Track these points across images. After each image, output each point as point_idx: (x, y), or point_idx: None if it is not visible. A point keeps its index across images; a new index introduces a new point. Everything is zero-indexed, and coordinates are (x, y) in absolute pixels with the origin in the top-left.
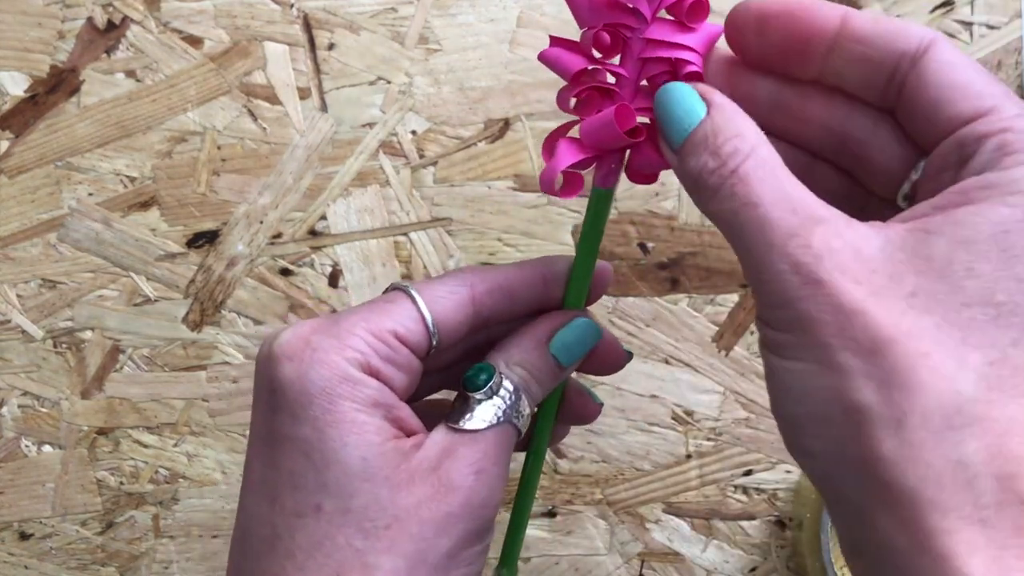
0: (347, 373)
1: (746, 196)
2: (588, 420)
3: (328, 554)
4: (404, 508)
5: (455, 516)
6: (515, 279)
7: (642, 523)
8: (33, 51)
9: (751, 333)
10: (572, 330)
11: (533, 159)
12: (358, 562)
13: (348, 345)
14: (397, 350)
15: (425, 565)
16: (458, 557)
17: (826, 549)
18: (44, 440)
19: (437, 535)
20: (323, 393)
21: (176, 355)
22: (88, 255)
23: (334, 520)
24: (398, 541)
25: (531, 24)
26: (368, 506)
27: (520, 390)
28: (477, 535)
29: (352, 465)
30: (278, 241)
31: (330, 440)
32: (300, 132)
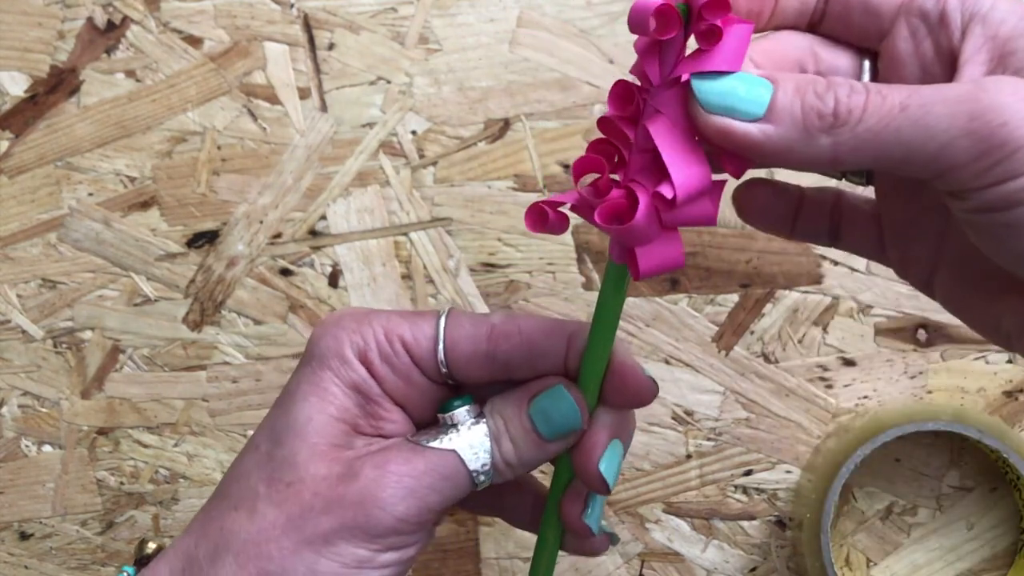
0: (342, 351)
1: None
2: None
3: (242, 486)
4: (310, 475)
5: (345, 502)
6: (538, 330)
7: (642, 523)
8: (33, 51)
9: (751, 333)
10: (549, 396)
11: (533, 159)
12: (252, 503)
13: (359, 332)
14: (398, 354)
15: (299, 532)
16: (334, 544)
17: (826, 549)
18: (44, 440)
19: (322, 512)
20: (318, 358)
21: (176, 355)
22: (88, 255)
23: (260, 461)
24: (289, 501)
25: (531, 24)
26: (285, 459)
27: (490, 438)
28: (365, 535)
29: (297, 420)
30: (278, 241)
31: (297, 394)
32: (300, 132)
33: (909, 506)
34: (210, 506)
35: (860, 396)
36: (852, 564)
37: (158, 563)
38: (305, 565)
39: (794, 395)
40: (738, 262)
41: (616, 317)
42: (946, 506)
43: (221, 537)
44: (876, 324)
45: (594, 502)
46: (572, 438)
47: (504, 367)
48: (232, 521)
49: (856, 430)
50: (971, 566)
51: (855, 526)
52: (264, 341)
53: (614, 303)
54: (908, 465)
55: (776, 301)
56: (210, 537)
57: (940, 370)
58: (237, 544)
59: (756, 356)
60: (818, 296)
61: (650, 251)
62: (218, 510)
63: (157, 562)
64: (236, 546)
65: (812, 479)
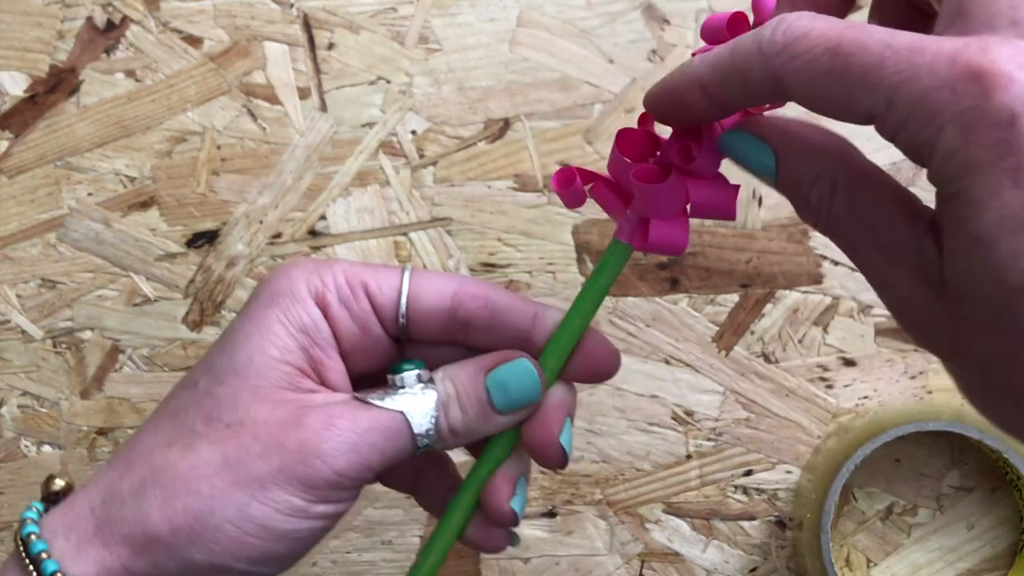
0: (295, 290)
1: (842, 240)
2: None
3: (175, 424)
4: (251, 418)
5: (284, 448)
6: (505, 300)
7: (642, 523)
8: (33, 51)
9: (751, 333)
10: (510, 369)
11: (533, 159)
12: (187, 440)
13: (318, 273)
14: (358, 298)
15: (234, 473)
16: (269, 490)
17: (826, 549)
18: (44, 440)
19: (260, 456)
20: (268, 296)
21: (176, 355)
22: (88, 255)
23: (198, 398)
24: (227, 441)
25: (531, 24)
26: (225, 399)
27: (439, 403)
28: (302, 485)
29: (238, 359)
30: (278, 241)
31: (239, 332)
32: (300, 132)
33: (909, 506)
34: (137, 440)
35: (860, 396)
36: (852, 564)
37: (75, 497)
38: (237, 506)
39: (794, 395)
40: (738, 262)
41: (604, 296)
42: (946, 506)
43: (149, 471)
44: (876, 324)
45: (521, 489)
46: (523, 413)
47: (462, 328)
48: (163, 456)
49: (856, 430)
50: (971, 566)
51: (855, 526)
52: None
53: (606, 282)
54: (908, 465)
55: (776, 301)
56: (136, 471)
57: (940, 370)
58: (166, 479)
59: (756, 356)
60: (818, 296)
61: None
62: (146, 444)
63: (75, 496)
64: (165, 481)
65: (812, 479)
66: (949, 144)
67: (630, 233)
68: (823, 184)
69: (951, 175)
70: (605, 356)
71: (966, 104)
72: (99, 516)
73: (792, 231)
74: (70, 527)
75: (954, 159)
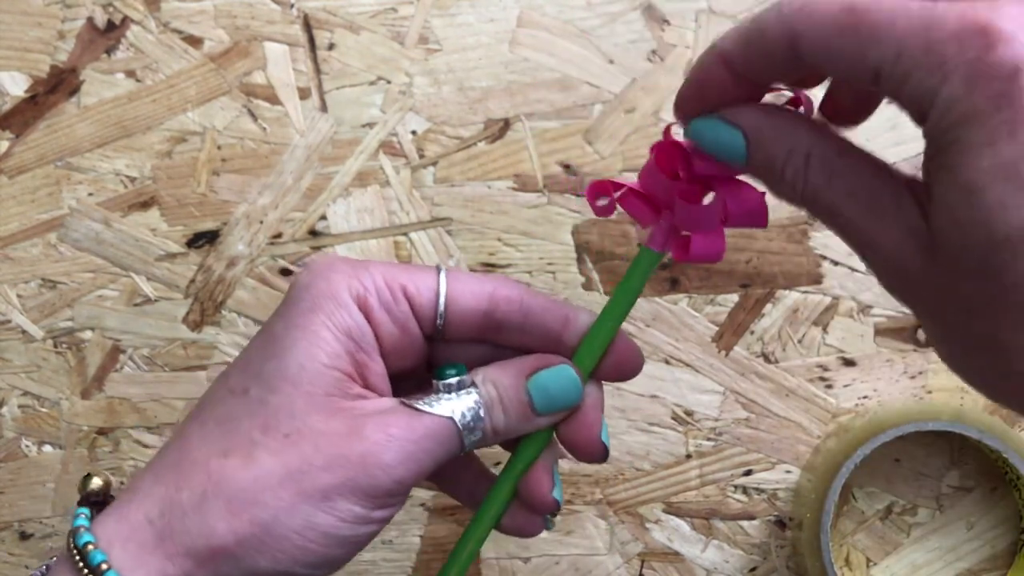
0: (338, 294)
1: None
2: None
3: (229, 432)
4: (310, 427)
5: (347, 461)
6: (538, 303)
7: (642, 523)
8: (33, 51)
9: (751, 333)
10: (554, 375)
11: (533, 159)
12: (246, 450)
13: (357, 277)
14: (398, 301)
15: (297, 485)
16: (332, 501)
17: (826, 549)
18: (44, 440)
19: (324, 468)
20: (310, 300)
21: (176, 355)
22: (88, 255)
23: (251, 407)
24: (287, 451)
25: (531, 24)
26: (281, 408)
27: (482, 406)
28: (364, 494)
29: (288, 366)
30: (278, 241)
31: (287, 338)
32: (300, 132)
33: (909, 506)
34: (184, 447)
35: (860, 396)
36: (852, 564)
37: (128, 506)
38: (302, 516)
39: (794, 395)
40: (738, 262)
41: (634, 302)
42: (946, 506)
43: (210, 483)
44: (876, 324)
45: (557, 478)
46: (562, 414)
47: (496, 329)
48: (221, 467)
49: (856, 430)
50: (971, 566)
51: (855, 526)
52: None
53: (637, 288)
54: (908, 465)
55: (776, 301)
56: (194, 482)
57: (940, 370)
58: (229, 491)
59: (756, 356)
60: (818, 296)
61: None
62: (199, 453)
63: (126, 506)
64: (228, 493)
65: (812, 479)
66: (951, 93)
67: (662, 243)
68: (796, 157)
69: (949, 124)
70: (633, 356)
71: (971, 55)
72: (159, 528)
73: (792, 231)
74: (127, 537)
75: (954, 108)
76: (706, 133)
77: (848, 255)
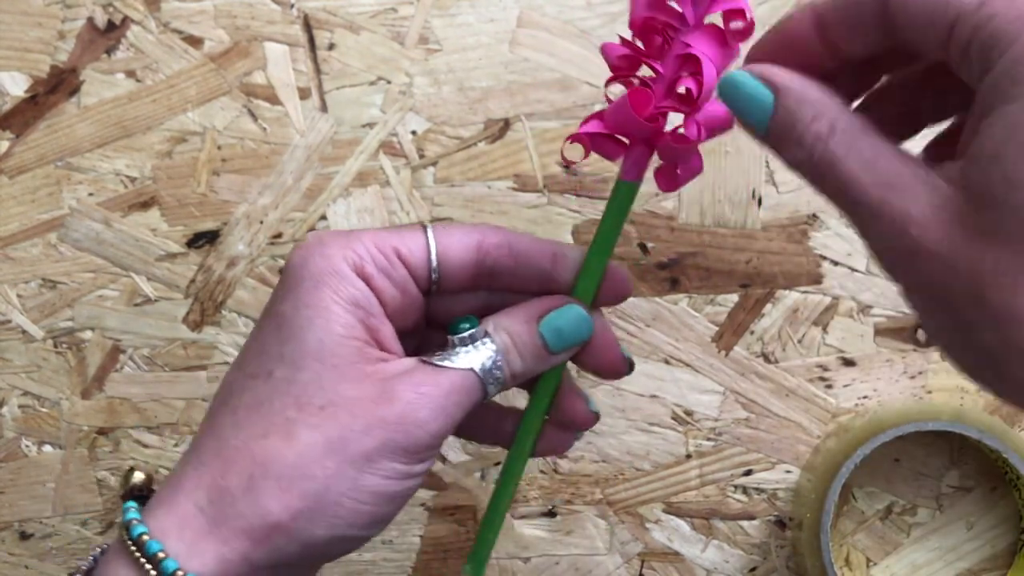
0: (338, 268)
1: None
2: (581, 427)
3: (263, 415)
4: (343, 397)
5: (386, 422)
6: (525, 244)
7: (642, 523)
8: (33, 51)
9: (751, 333)
10: (564, 314)
11: (533, 159)
12: (284, 429)
13: (351, 247)
14: (394, 265)
15: (341, 454)
16: (376, 463)
17: (826, 549)
18: (44, 440)
19: (363, 432)
20: (312, 278)
21: (176, 355)
22: (88, 255)
23: (279, 387)
24: (326, 423)
25: (531, 24)
26: (310, 383)
27: (500, 354)
28: (404, 452)
29: (309, 343)
30: (278, 241)
31: (300, 318)
32: (300, 132)
33: (909, 506)
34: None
35: (860, 396)
36: (852, 564)
37: (175, 498)
38: (350, 481)
39: (794, 395)
40: (738, 262)
41: (619, 233)
42: (946, 506)
43: (255, 465)
44: (876, 324)
45: (587, 394)
46: (575, 349)
47: (489, 275)
48: (263, 448)
49: (856, 430)
50: (971, 566)
51: (855, 526)
52: None
53: (621, 219)
54: (908, 465)
55: (776, 301)
56: (240, 466)
57: (940, 370)
58: (277, 469)
59: (756, 356)
60: (818, 296)
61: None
62: (237, 439)
63: (172, 498)
64: (275, 471)
65: (812, 479)
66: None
67: (637, 173)
68: (821, 123)
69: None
70: (625, 281)
71: None
72: (210, 515)
73: (792, 231)
74: (180, 526)
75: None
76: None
77: (848, 255)
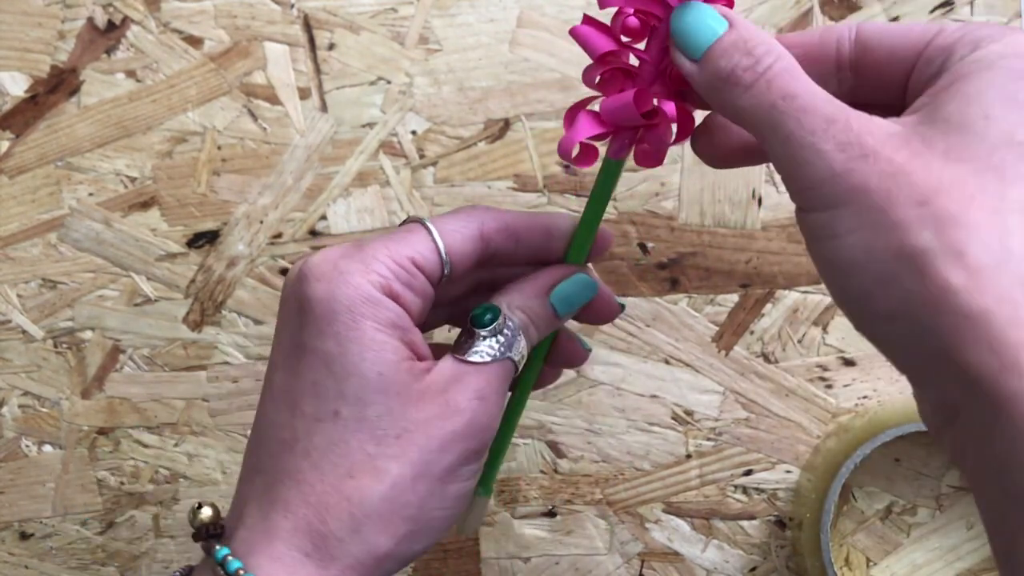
0: (370, 294)
1: (783, 89)
2: (576, 364)
3: (342, 455)
4: (414, 422)
5: (459, 435)
6: (522, 223)
7: (642, 523)
8: (33, 51)
9: (751, 333)
10: (572, 284)
11: (533, 159)
12: (369, 465)
13: (372, 269)
14: (414, 276)
15: (429, 476)
16: (457, 472)
17: (826, 549)
18: (44, 440)
19: (441, 450)
20: (347, 311)
21: (176, 355)
22: (88, 255)
23: (350, 426)
24: (407, 450)
25: (531, 24)
26: (382, 416)
27: (519, 332)
28: (475, 454)
29: (369, 378)
30: (278, 241)
31: (351, 354)
32: (300, 132)
33: (909, 506)
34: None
35: (860, 396)
36: (852, 564)
37: (274, 546)
38: (440, 495)
39: (794, 395)
40: (738, 262)
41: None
42: (946, 506)
43: (353, 506)
44: None
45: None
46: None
47: (491, 258)
48: (357, 488)
49: (856, 430)
50: (971, 566)
51: (855, 526)
52: (264, 341)
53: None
54: (908, 465)
55: (776, 301)
56: (338, 510)
57: None
58: (375, 506)
59: (756, 356)
60: (818, 296)
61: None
62: (325, 484)
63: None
64: (375, 508)
65: (812, 479)
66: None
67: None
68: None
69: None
70: (607, 237)
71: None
72: (318, 559)
73: (792, 231)
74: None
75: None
76: (692, 12)
77: None
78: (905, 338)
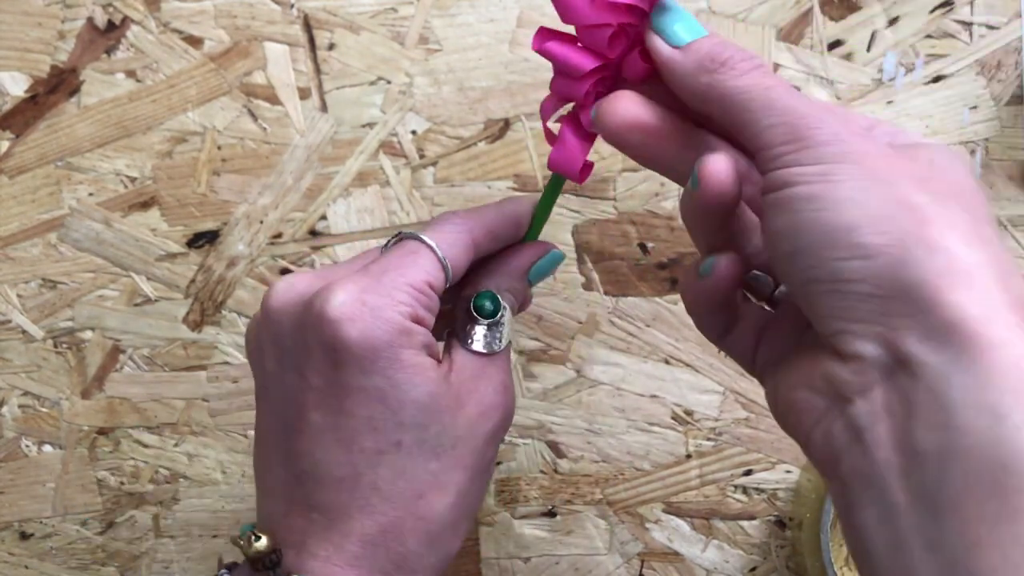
0: (403, 326)
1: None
2: None
3: (409, 480)
4: (461, 427)
5: (498, 428)
6: (498, 222)
7: (642, 523)
8: (33, 51)
9: None
10: (548, 261)
11: (533, 159)
12: (435, 482)
13: (398, 300)
14: (431, 297)
15: (481, 471)
16: (495, 458)
17: (826, 549)
18: (44, 440)
19: (487, 446)
20: (388, 347)
21: (176, 355)
22: (88, 255)
23: (412, 452)
24: (463, 457)
25: (531, 24)
26: (439, 434)
27: (510, 311)
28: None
29: (424, 402)
30: (278, 241)
31: (401, 385)
32: (300, 132)
33: None
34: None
35: None
36: (852, 564)
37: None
38: (485, 483)
39: None
40: None
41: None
42: None
43: (426, 523)
44: None
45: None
46: None
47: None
48: (428, 507)
49: None
50: None
51: None
52: None
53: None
54: None
55: None
56: (415, 531)
57: None
58: (446, 518)
59: None
60: None
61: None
62: (397, 510)
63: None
64: (446, 520)
65: (812, 479)
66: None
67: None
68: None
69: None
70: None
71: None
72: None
73: None
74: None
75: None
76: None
77: None
78: (878, 276)
